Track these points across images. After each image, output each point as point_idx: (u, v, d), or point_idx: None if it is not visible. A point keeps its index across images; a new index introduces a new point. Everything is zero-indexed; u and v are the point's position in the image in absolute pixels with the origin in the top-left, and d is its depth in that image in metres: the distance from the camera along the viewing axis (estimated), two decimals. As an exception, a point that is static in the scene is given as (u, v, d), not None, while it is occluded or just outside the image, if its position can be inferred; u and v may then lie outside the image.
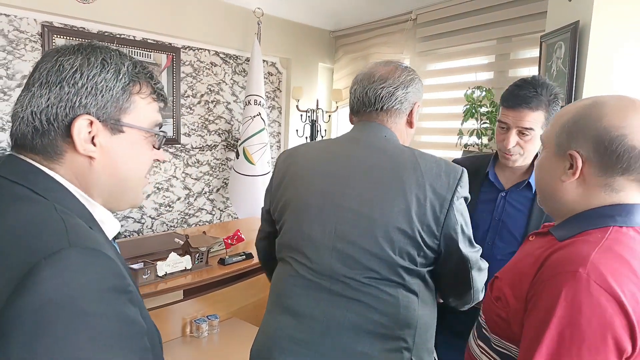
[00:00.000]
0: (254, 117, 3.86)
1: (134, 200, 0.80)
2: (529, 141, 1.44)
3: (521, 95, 1.41)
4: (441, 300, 1.26)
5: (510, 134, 1.45)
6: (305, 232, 1.13)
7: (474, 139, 3.18)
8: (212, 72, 4.02)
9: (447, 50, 3.76)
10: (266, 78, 4.38)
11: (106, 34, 3.38)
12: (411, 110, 1.20)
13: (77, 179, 0.70)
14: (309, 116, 4.40)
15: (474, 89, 3.14)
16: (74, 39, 3.21)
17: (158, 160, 0.81)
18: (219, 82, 4.07)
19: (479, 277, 1.16)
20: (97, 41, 0.75)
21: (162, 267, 2.02)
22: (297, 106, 4.37)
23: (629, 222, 0.80)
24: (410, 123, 1.22)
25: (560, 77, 2.32)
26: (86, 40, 0.76)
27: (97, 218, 0.73)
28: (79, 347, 0.53)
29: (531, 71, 3.08)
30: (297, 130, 4.46)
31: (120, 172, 0.73)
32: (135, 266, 1.98)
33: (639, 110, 0.79)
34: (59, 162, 0.69)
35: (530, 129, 1.42)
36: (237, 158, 3.92)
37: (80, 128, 0.68)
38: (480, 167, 1.62)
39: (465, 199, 1.12)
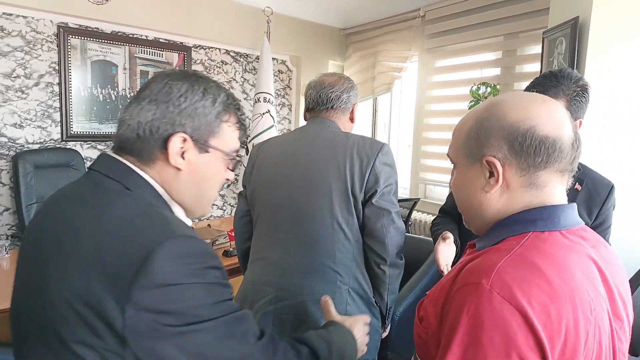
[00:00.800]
0: (264, 114, 3.93)
1: (204, 211, 0.90)
2: None
3: (540, 84, 1.44)
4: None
5: None
6: (270, 200, 1.48)
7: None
8: (223, 70, 4.10)
9: (455, 46, 3.77)
10: (276, 76, 4.44)
11: (119, 33, 3.48)
12: (352, 109, 1.56)
13: (163, 183, 0.82)
14: (318, 113, 4.44)
15: (479, 85, 3.15)
16: (89, 39, 3.32)
17: (228, 179, 0.90)
18: (230, 80, 4.15)
19: (394, 232, 1.40)
20: (200, 72, 0.88)
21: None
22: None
23: (552, 226, 0.72)
24: (352, 119, 1.57)
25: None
26: (191, 70, 0.90)
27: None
28: (196, 297, 0.70)
29: (535, 67, 3.08)
30: (306, 127, 4.51)
31: (199, 185, 0.85)
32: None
33: (536, 101, 0.75)
34: (150, 166, 0.81)
35: None
36: (247, 154, 3.99)
37: (175, 143, 0.79)
38: None
39: (388, 165, 1.41)
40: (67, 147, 3.31)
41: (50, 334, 0.68)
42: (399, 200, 3.88)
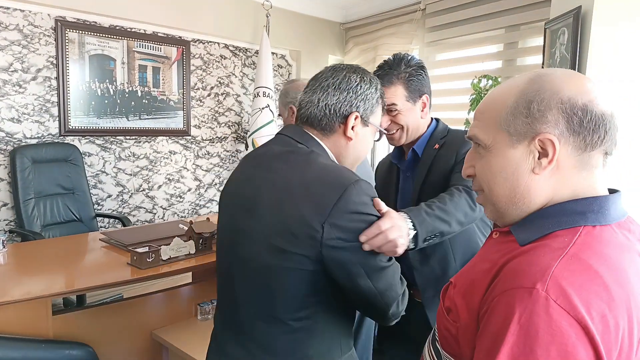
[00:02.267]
0: (263, 109, 3.90)
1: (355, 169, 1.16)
2: (397, 115, 1.44)
3: (377, 75, 1.39)
4: None
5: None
6: None
7: (480, 128, 3.16)
8: (222, 64, 4.07)
9: (456, 39, 3.74)
10: (276, 70, 4.42)
11: (117, 27, 3.46)
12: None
13: (333, 150, 1.08)
14: (318, 108, 4.42)
15: (480, 78, 3.12)
16: (87, 33, 3.29)
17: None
18: (229, 75, 4.13)
19: None
20: (363, 67, 1.13)
21: (166, 251, 2.07)
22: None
23: (603, 220, 0.66)
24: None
25: (563, 63, 2.30)
26: (357, 65, 1.14)
27: None
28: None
29: (537, 59, 3.05)
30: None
31: (358, 150, 1.11)
32: (140, 250, 2.04)
33: (583, 77, 0.70)
34: (327, 137, 1.08)
35: (393, 104, 1.43)
36: (247, 149, 3.97)
37: (351, 119, 1.06)
38: (390, 159, 1.67)
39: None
40: (65, 141, 3.29)
41: (272, 248, 0.95)
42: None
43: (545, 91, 0.67)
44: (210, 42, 3.98)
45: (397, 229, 1.00)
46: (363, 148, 1.12)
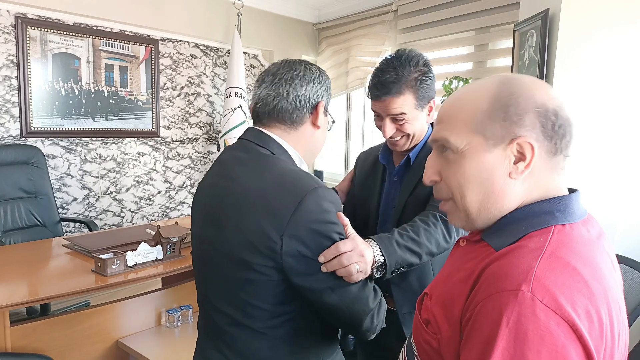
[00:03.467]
0: (235, 109, 3.84)
1: (313, 161, 1.19)
2: (405, 124, 1.35)
3: (382, 82, 1.32)
4: None
5: (385, 123, 1.36)
6: None
7: (452, 129, 3.18)
8: (192, 64, 3.99)
9: (428, 41, 3.76)
10: (248, 70, 4.36)
11: (82, 25, 3.34)
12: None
13: (297, 145, 1.07)
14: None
15: (452, 79, 3.14)
16: (49, 30, 3.17)
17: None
18: (200, 75, 4.05)
19: None
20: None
21: (132, 258, 2.00)
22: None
23: (570, 218, 0.67)
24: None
25: (532, 65, 2.32)
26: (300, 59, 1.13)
27: None
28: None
29: (507, 61, 3.09)
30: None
31: (321, 140, 1.13)
32: (104, 256, 1.97)
33: (546, 83, 0.72)
34: (295, 129, 1.06)
35: (402, 113, 1.33)
36: (219, 151, 3.90)
37: (320, 108, 1.08)
38: (375, 154, 1.58)
39: None
40: (27, 143, 3.16)
41: (236, 260, 0.95)
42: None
43: (520, 95, 0.67)
44: (180, 41, 3.89)
45: (357, 255, 0.95)
46: (324, 137, 1.15)
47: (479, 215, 0.71)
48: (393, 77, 1.30)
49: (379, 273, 1.08)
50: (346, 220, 0.98)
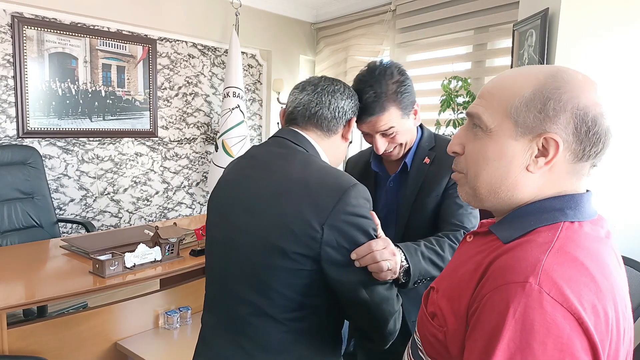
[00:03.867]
0: (233, 109, 3.83)
1: None
2: (395, 136, 1.35)
3: (364, 105, 1.29)
4: None
5: (376, 140, 1.36)
6: None
7: (450, 130, 3.18)
8: (190, 64, 3.97)
9: (426, 41, 3.75)
10: (246, 70, 4.34)
11: (79, 25, 3.32)
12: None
13: (327, 150, 1.14)
14: (289, 109, 4.37)
15: (450, 79, 3.13)
16: (46, 30, 3.15)
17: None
18: (197, 75, 4.03)
19: None
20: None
21: (130, 259, 1.99)
22: (277, 99, 4.35)
23: (580, 216, 0.67)
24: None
25: (531, 64, 2.32)
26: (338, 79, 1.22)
27: None
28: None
29: (506, 61, 3.09)
30: (277, 123, 4.43)
31: (344, 152, 1.22)
32: (102, 257, 1.95)
33: (597, 84, 0.69)
34: (328, 137, 1.14)
35: (390, 127, 1.32)
36: (217, 151, 3.89)
37: (352, 122, 1.18)
38: (365, 159, 1.58)
39: None
40: (24, 144, 3.14)
41: (270, 246, 0.96)
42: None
43: (565, 92, 0.66)
44: (178, 40, 3.87)
45: (388, 253, 0.98)
46: (345, 152, 1.23)
47: (487, 198, 0.73)
48: (372, 96, 1.28)
49: (405, 278, 1.10)
50: (377, 220, 1.03)
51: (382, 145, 1.36)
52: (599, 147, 0.66)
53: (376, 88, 1.29)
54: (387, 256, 0.98)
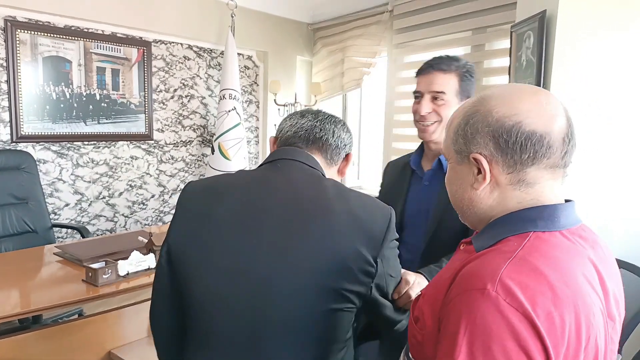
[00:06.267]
0: (229, 111, 3.80)
1: None
2: (442, 106, 1.41)
3: (433, 59, 1.44)
4: None
5: (423, 100, 1.45)
6: None
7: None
8: (186, 66, 3.94)
9: (424, 42, 3.73)
10: (242, 72, 4.31)
11: (73, 28, 3.29)
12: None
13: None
14: (287, 110, 4.35)
15: (448, 81, 3.11)
16: (39, 33, 3.12)
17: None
18: (193, 77, 4.00)
19: None
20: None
21: (124, 266, 1.96)
22: (274, 100, 4.32)
23: (552, 226, 0.71)
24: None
25: (529, 66, 2.29)
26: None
27: None
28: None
29: (504, 62, 3.06)
30: (275, 125, 4.40)
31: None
32: (95, 265, 1.93)
33: (523, 94, 0.73)
34: (329, 166, 1.08)
35: (442, 92, 1.39)
36: (213, 154, 3.86)
37: (350, 157, 1.13)
38: (404, 161, 1.65)
39: None
40: (18, 148, 3.11)
41: (327, 289, 0.86)
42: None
43: (478, 114, 0.74)
44: (173, 42, 3.84)
45: (418, 287, 1.03)
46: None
47: (461, 215, 0.82)
48: (445, 59, 1.41)
49: None
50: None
51: (426, 107, 1.44)
52: (529, 153, 0.70)
53: (452, 59, 1.42)
54: (417, 290, 1.01)
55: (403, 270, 1.06)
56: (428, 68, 1.43)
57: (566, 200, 0.76)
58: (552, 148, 0.70)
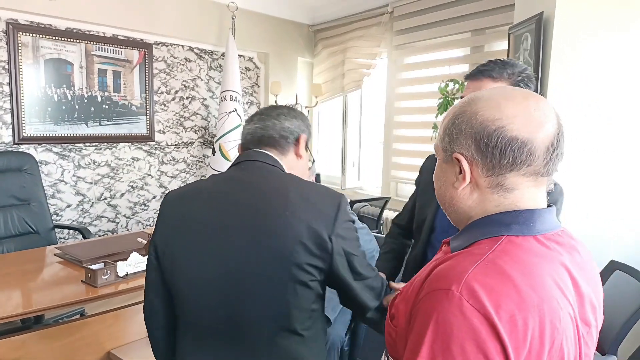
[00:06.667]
0: (230, 113, 3.82)
1: None
2: None
3: (484, 65, 1.37)
4: None
5: None
6: None
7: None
8: (187, 67, 3.96)
9: (423, 43, 3.74)
10: (243, 73, 4.33)
11: (74, 30, 3.32)
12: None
13: (289, 168, 1.17)
14: (287, 111, 4.36)
15: (447, 82, 3.12)
16: (41, 36, 3.15)
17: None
18: (194, 78, 4.02)
19: None
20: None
21: (123, 268, 1.98)
22: (275, 101, 4.33)
23: (526, 231, 0.71)
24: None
25: (526, 68, 2.30)
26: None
27: None
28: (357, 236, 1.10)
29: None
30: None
31: (303, 171, 1.22)
32: (94, 267, 1.95)
33: (512, 98, 0.72)
34: (284, 155, 1.17)
35: None
36: (214, 155, 3.88)
37: (302, 140, 1.20)
38: None
39: None
40: (20, 150, 3.14)
41: (287, 263, 0.98)
42: (371, 199, 3.83)
43: (464, 115, 0.75)
44: (174, 44, 3.86)
45: None
46: (305, 170, 1.25)
47: (446, 212, 0.83)
48: (497, 64, 1.33)
49: None
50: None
51: None
52: (509, 159, 0.70)
53: (507, 65, 1.33)
54: None
55: (399, 283, 1.11)
56: (477, 74, 1.36)
57: (548, 206, 0.76)
58: (534, 155, 0.70)
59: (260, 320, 1.02)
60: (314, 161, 1.31)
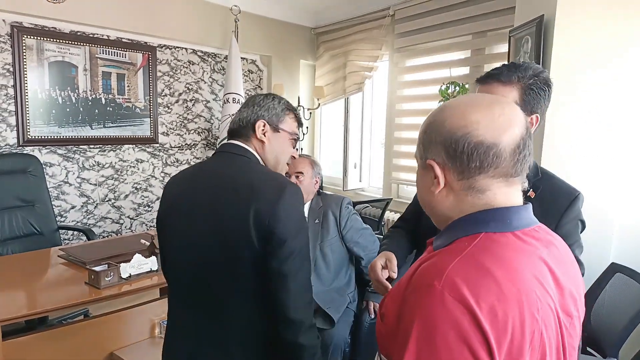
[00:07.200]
0: (233, 115, 3.83)
1: (282, 166, 1.39)
2: None
3: (495, 69, 1.32)
4: None
5: None
6: None
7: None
8: (190, 70, 3.99)
9: (424, 45, 3.75)
10: (246, 76, 4.35)
11: (79, 33, 3.35)
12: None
13: (261, 152, 1.30)
14: (289, 113, 4.38)
15: (448, 84, 3.13)
16: (45, 39, 3.18)
17: (294, 156, 1.40)
18: (198, 81, 4.05)
19: None
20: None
21: (126, 269, 2.00)
22: (277, 103, 4.35)
23: (503, 227, 0.74)
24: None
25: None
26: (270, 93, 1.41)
27: None
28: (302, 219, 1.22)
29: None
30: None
31: (276, 152, 1.33)
32: (97, 268, 1.97)
33: (477, 105, 0.76)
34: (249, 142, 1.29)
35: None
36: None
37: (259, 125, 1.29)
38: None
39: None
40: (25, 152, 3.17)
41: (233, 244, 1.14)
42: (372, 201, 3.84)
43: (434, 123, 0.79)
44: (178, 47, 3.89)
45: None
46: (281, 151, 1.35)
47: (429, 215, 0.86)
48: (508, 68, 1.28)
49: None
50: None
51: None
52: (476, 163, 0.73)
53: (519, 68, 1.27)
54: None
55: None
56: (487, 78, 1.31)
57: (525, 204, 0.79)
58: (500, 158, 0.73)
59: (219, 284, 1.19)
60: (297, 139, 1.40)
